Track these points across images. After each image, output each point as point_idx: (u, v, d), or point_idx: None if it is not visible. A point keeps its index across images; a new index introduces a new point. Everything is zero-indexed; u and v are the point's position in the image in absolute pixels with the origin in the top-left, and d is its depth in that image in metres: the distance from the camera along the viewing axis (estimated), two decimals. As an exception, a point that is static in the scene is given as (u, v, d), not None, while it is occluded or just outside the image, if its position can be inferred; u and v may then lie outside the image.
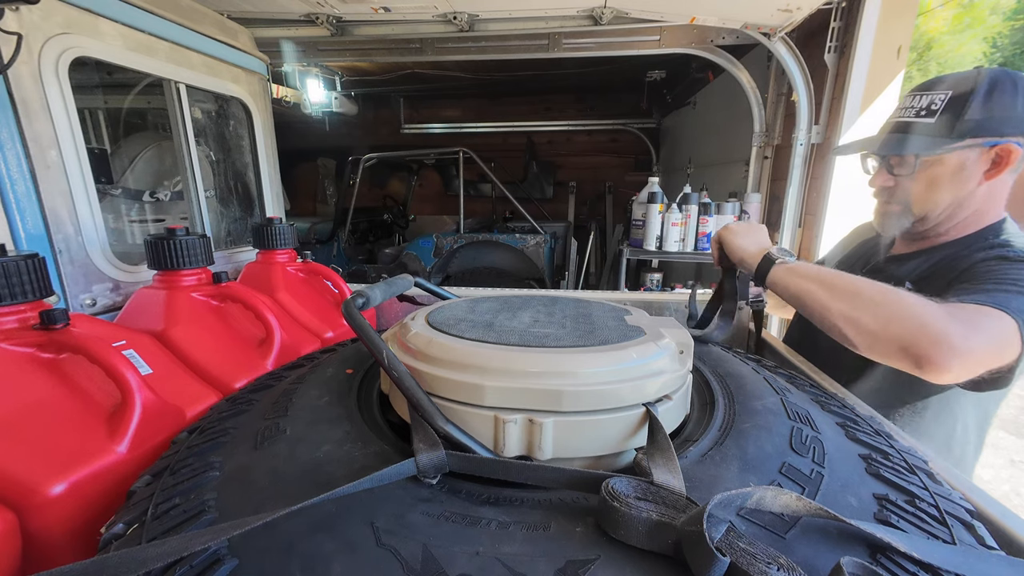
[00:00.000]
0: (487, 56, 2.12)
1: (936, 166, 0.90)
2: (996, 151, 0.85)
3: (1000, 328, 0.73)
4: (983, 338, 0.71)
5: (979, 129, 0.84)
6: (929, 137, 0.88)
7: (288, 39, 2.08)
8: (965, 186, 0.90)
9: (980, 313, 0.74)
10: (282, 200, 1.86)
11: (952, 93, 0.86)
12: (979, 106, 0.84)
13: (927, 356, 0.70)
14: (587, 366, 0.52)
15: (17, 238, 0.95)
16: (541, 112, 5.96)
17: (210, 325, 0.94)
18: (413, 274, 0.86)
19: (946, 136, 0.86)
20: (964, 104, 0.85)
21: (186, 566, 0.38)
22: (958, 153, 0.87)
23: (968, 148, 0.86)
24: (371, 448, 0.52)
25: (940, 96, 0.88)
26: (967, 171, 0.88)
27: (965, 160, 0.87)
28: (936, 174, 0.91)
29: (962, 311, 0.74)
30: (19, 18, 0.92)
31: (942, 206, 0.93)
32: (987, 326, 0.72)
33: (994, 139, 0.84)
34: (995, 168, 0.87)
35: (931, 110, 0.88)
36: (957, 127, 0.85)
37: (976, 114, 0.84)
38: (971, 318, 0.73)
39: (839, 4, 1.87)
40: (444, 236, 4.01)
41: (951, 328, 0.70)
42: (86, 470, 0.58)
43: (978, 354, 0.71)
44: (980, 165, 0.87)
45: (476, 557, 0.37)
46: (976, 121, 0.84)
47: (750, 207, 2.42)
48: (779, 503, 0.40)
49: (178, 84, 1.32)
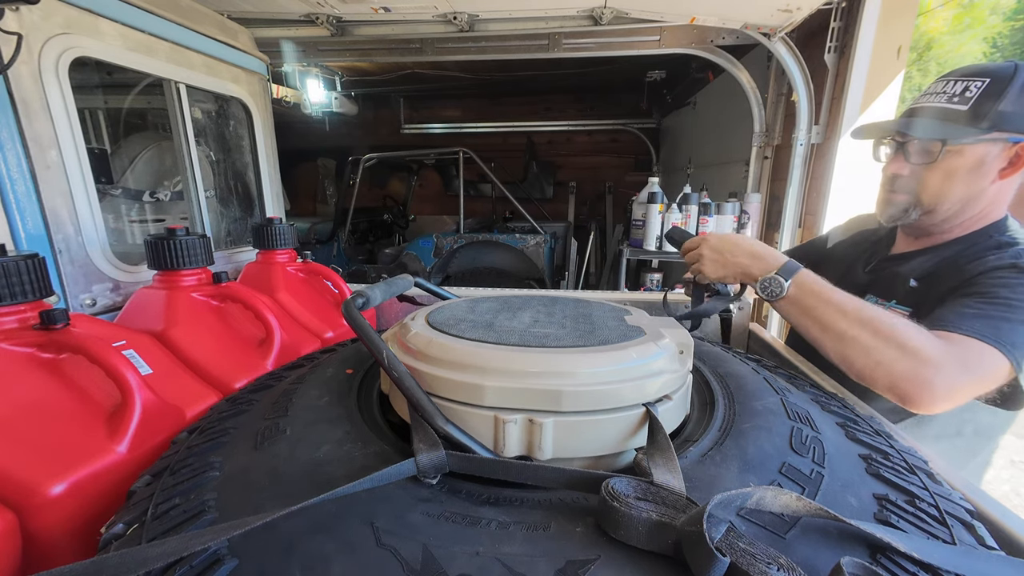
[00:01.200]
0: (487, 56, 2.12)
1: (957, 157, 0.87)
2: (1017, 149, 0.83)
3: (990, 367, 0.74)
4: (969, 378, 0.73)
5: (1009, 122, 0.81)
6: (959, 125, 0.84)
7: (288, 39, 2.08)
8: (980, 182, 0.87)
9: (972, 351, 0.74)
10: (282, 200, 1.86)
11: (989, 81, 0.83)
12: (1015, 97, 0.81)
13: (911, 398, 0.73)
14: (587, 366, 0.52)
15: (17, 238, 0.95)
16: (541, 112, 5.95)
17: (210, 325, 0.94)
18: (413, 274, 0.86)
19: (975, 126, 0.83)
20: (1001, 93, 0.81)
21: (186, 566, 0.38)
22: (982, 146, 0.84)
23: (992, 142, 0.83)
24: (371, 448, 0.52)
25: (976, 83, 0.84)
26: (986, 166, 0.86)
27: (986, 155, 0.85)
28: (955, 165, 0.87)
29: (953, 351, 0.74)
30: (19, 18, 0.92)
31: (952, 200, 0.90)
32: (976, 365, 0.73)
33: (1020, 136, 0.82)
34: (1011, 167, 0.85)
35: (965, 97, 0.84)
36: (988, 117, 0.82)
37: (1010, 106, 0.81)
38: (962, 358, 0.73)
39: (839, 4, 1.87)
40: (444, 236, 4.01)
41: (939, 373, 0.72)
42: (86, 470, 0.58)
43: (963, 393, 0.74)
44: (998, 162, 0.85)
45: (476, 557, 0.37)
46: (1008, 114, 0.81)
47: (750, 207, 2.42)
48: (779, 503, 0.40)
49: (178, 84, 1.32)
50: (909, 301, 0.93)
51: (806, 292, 0.83)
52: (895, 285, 0.97)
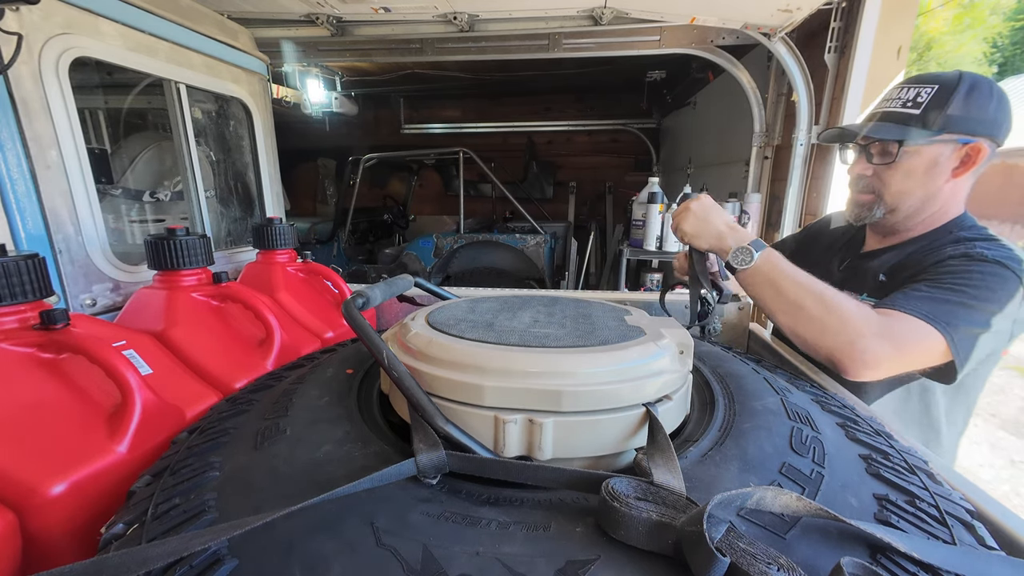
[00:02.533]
0: (487, 56, 2.12)
1: (914, 157, 0.95)
2: (967, 149, 0.91)
3: (921, 342, 0.81)
4: (896, 351, 0.80)
5: (956, 125, 0.89)
6: (914, 127, 0.92)
7: (288, 39, 2.08)
8: (935, 181, 0.95)
9: (905, 325, 0.81)
10: (282, 200, 1.86)
11: (938, 88, 0.91)
12: (960, 103, 0.89)
13: (843, 366, 0.82)
14: (587, 366, 0.52)
15: (17, 238, 0.95)
16: (541, 112, 5.95)
17: (210, 325, 0.94)
18: (413, 274, 0.86)
19: (928, 128, 0.91)
20: (947, 99, 0.89)
21: (186, 566, 0.38)
22: (935, 147, 0.92)
23: (944, 143, 0.92)
24: (371, 448, 0.52)
25: (927, 90, 0.92)
26: (939, 166, 0.94)
27: (939, 155, 0.93)
28: (913, 165, 0.95)
29: (887, 324, 0.81)
30: (19, 18, 0.92)
31: (912, 198, 0.98)
32: (906, 339, 0.80)
33: (968, 137, 0.90)
34: (963, 166, 0.93)
35: (917, 102, 0.93)
36: (939, 120, 0.90)
37: (956, 110, 0.89)
38: (895, 331, 0.80)
39: (839, 4, 1.87)
40: (444, 236, 4.01)
41: (870, 343, 0.79)
42: (86, 470, 0.58)
43: (889, 364, 0.80)
44: (951, 162, 0.93)
45: (476, 557, 0.37)
46: (956, 117, 0.89)
47: (750, 207, 2.42)
48: (779, 503, 0.40)
49: (178, 84, 1.32)
50: (878, 294, 0.99)
51: (771, 264, 0.90)
52: (866, 280, 1.05)
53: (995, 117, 0.89)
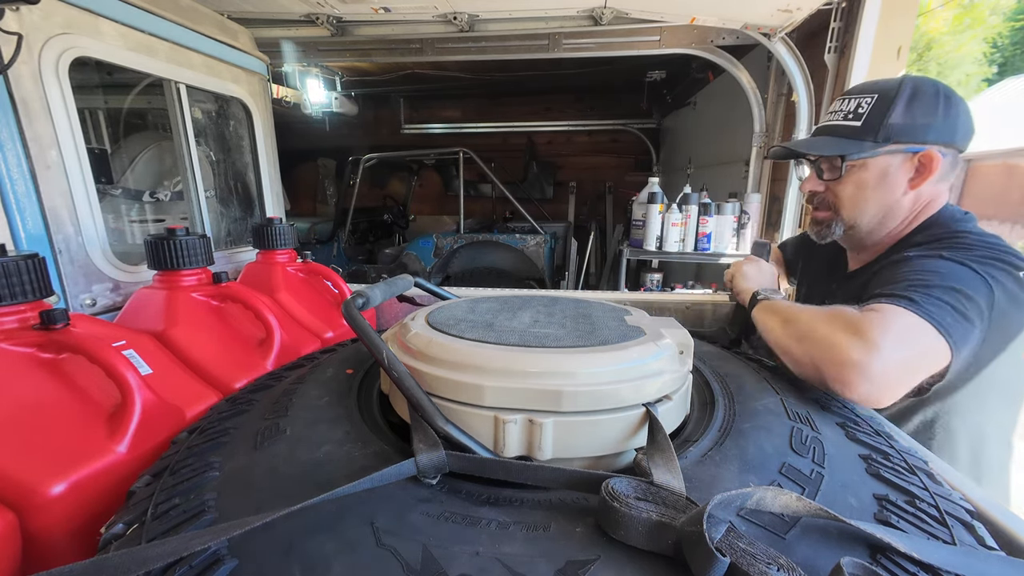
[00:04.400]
0: (487, 56, 2.12)
1: (861, 171, 0.90)
2: (919, 158, 0.86)
3: (905, 324, 0.68)
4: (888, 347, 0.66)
5: (901, 134, 0.85)
6: (854, 140, 0.88)
7: (288, 39, 2.08)
8: (891, 193, 0.90)
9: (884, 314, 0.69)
10: (282, 200, 1.86)
11: (877, 97, 0.87)
12: (902, 111, 0.84)
13: (836, 380, 0.67)
14: (587, 366, 0.52)
15: (17, 238, 0.95)
16: (541, 112, 5.96)
17: (210, 325, 0.94)
18: (413, 274, 0.86)
19: (870, 140, 0.87)
20: (887, 108, 0.85)
21: (186, 566, 0.38)
22: (882, 158, 0.88)
23: (891, 154, 0.87)
24: (371, 448, 0.52)
25: (867, 100, 0.88)
26: (891, 177, 0.89)
27: (888, 166, 0.88)
28: (862, 179, 0.91)
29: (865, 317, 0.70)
30: (19, 18, 0.92)
31: (869, 213, 0.93)
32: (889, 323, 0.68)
33: (916, 145, 0.85)
34: (919, 176, 0.87)
35: (857, 113, 0.89)
36: (881, 131, 0.86)
37: (898, 119, 0.84)
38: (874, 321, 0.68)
39: (839, 4, 1.87)
40: (444, 236, 4.01)
41: (850, 344, 0.67)
42: (86, 470, 0.58)
43: (888, 366, 0.66)
44: (904, 172, 0.88)
45: (476, 557, 0.37)
46: (898, 126, 0.85)
47: (750, 207, 2.42)
48: (779, 503, 0.40)
49: (178, 84, 1.32)
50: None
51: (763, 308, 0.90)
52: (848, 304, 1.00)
53: (944, 123, 0.83)
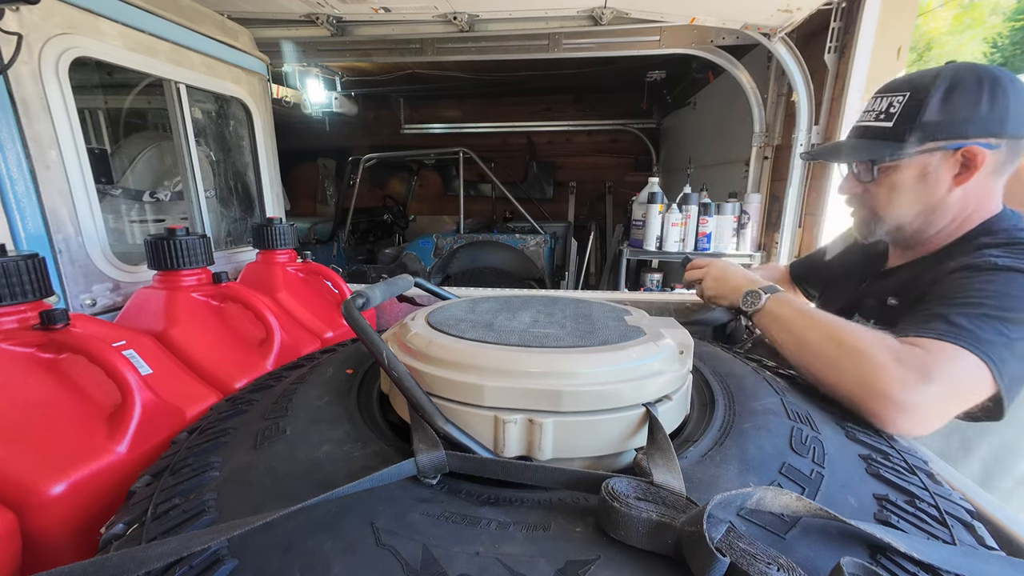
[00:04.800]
0: (487, 56, 2.12)
1: (897, 172, 0.86)
2: (961, 154, 0.79)
3: (956, 368, 0.65)
4: (934, 387, 0.63)
5: (939, 132, 0.79)
6: (886, 142, 0.84)
7: (288, 39, 2.08)
8: (933, 193, 0.84)
9: (933, 354, 0.66)
10: (282, 200, 1.86)
11: (910, 95, 0.81)
12: (937, 107, 0.79)
13: (872, 411, 0.64)
14: (587, 366, 0.51)
15: (17, 238, 0.95)
16: (541, 112, 5.95)
17: (210, 325, 0.94)
18: (413, 274, 0.86)
19: (903, 140, 0.82)
20: (920, 106, 0.80)
21: (186, 566, 0.38)
22: (919, 158, 0.82)
23: (928, 153, 0.81)
24: (371, 448, 0.52)
25: (898, 98, 0.83)
26: (932, 176, 0.83)
27: (927, 165, 0.83)
28: (898, 180, 0.86)
29: (913, 354, 0.66)
30: (19, 18, 0.92)
31: (911, 214, 0.88)
32: (940, 369, 0.64)
33: (957, 142, 0.79)
34: (965, 172, 0.81)
35: (889, 113, 0.84)
36: (915, 131, 0.80)
37: (934, 116, 0.79)
38: (922, 362, 0.64)
39: (839, 4, 1.87)
40: (444, 236, 4.01)
41: (895, 379, 0.63)
42: (86, 470, 0.58)
43: (932, 405, 0.64)
44: (946, 170, 0.82)
45: (476, 557, 0.37)
46: (934, 123, 0.79)
47: (750, 207, 2.42)
48: (779, 503, 0.40)
49: (178, 84, 1.32)
50: (887, 320, 0.87)
51: (779, 302, 0.84)
52: (877, 304, 0.94)
53: (991, 113, 0.76)
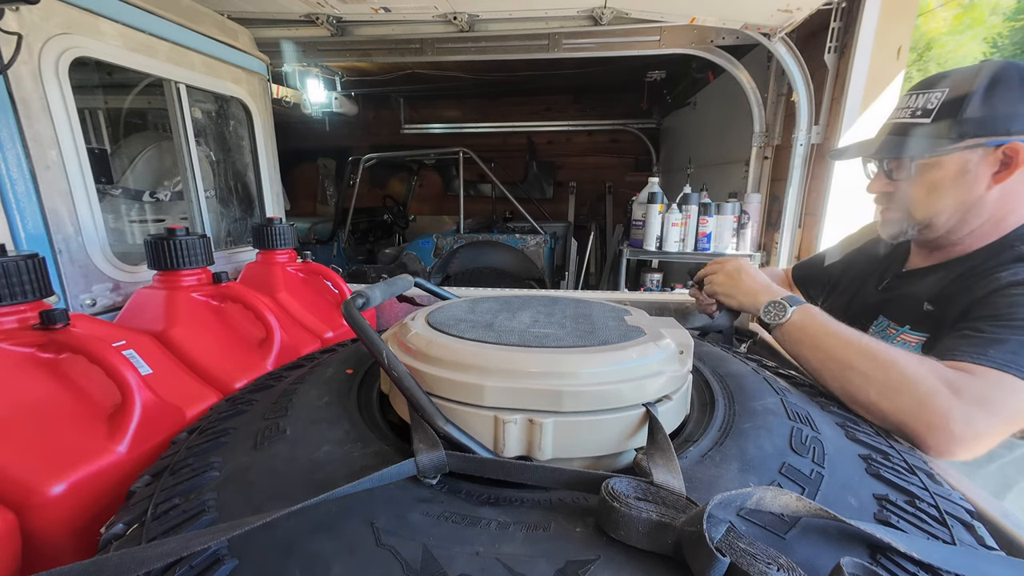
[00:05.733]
0: (487, 56, 2.12)
1: (935, 169, 0.84)
2: (1003, 151, 0.78)
3: (1016, 401, 0.64)
4: (994, 420, 0.62)
5: (980, 128, 0.78)
6: (925, 139, 0.82)
7: (288, 39, 2.08)
8: (972, 190, 0.82)
9: (992, 385, 0.64)
10: (282, 200, 1.86)
11: (950, 91, 0.80)
12: (979, 103, 0.77)
13: (925, 442, 0.63)
14: (587, 366, 0.51)
15: (17, 238, 0.95)
16: (541, 112, 5.96)
17: (210, 325, 0.94)
18: (413, 274, 0.86)
19: (943, 137, 0.80)
20: (962, 103, 0.78)
21: (186, 566, 0.38)
22: (959, 155, 0.81)
23: (969, 149, 0.79)
24: (371, 448, 0.52)
25: (937, 95, 0.82)
26: (971, 174, 0.81)
27: (967, 162, 0.80)
28: (936, 178, 0.84)
29: (970, 384, 0.64)
30: (19, 18, 0.92)
31: (947, 212, 0.85)
32: (1000, 402, 0.63)
33: (999, 138, 0.77)
34: (1005, 169, 0.79)
35: (927, 110, 0.82)
36: (955, 127, 0.79)
37: (976, 112, 0.77)
38: (981, 394, 0.63)
39: (839, 4, 1.87)
40: (444, 236, 4.01)
41: (953, 411, 0.62)
42: (86, 470, 0.58)
43: (989, 437, 0.63)
44: (987, 167, 0.80)
45: (476, 557, 0.37)
46: (976, 120, 0.77)
47: (750, 207, 2.42)
48: (779, 503, 0.40)
49: (178, 84, 1.32)
50: (925, 326, 0.85)
51: (809, 317, 0.79)
52: (909, 307, 0.90)
53: None
